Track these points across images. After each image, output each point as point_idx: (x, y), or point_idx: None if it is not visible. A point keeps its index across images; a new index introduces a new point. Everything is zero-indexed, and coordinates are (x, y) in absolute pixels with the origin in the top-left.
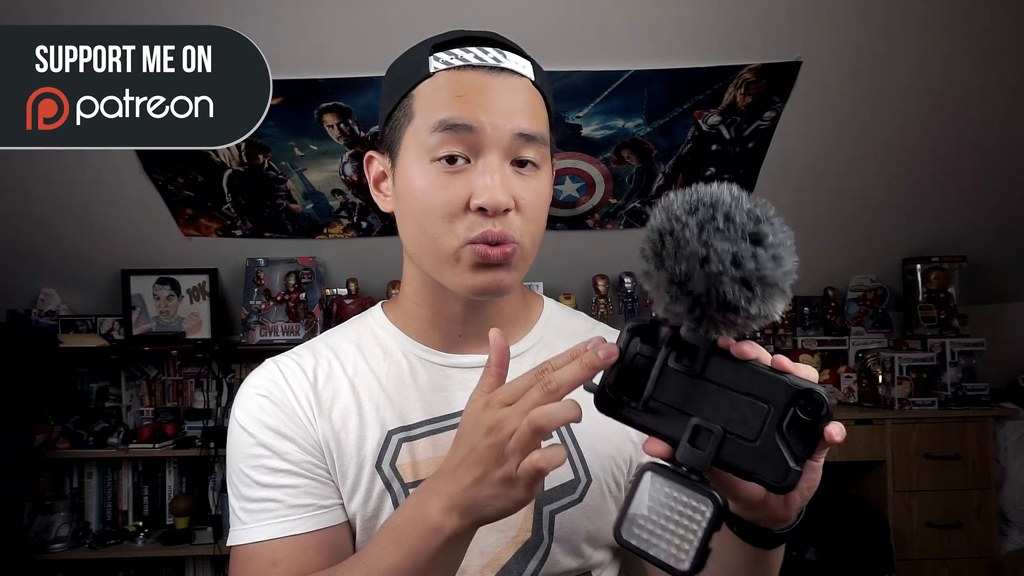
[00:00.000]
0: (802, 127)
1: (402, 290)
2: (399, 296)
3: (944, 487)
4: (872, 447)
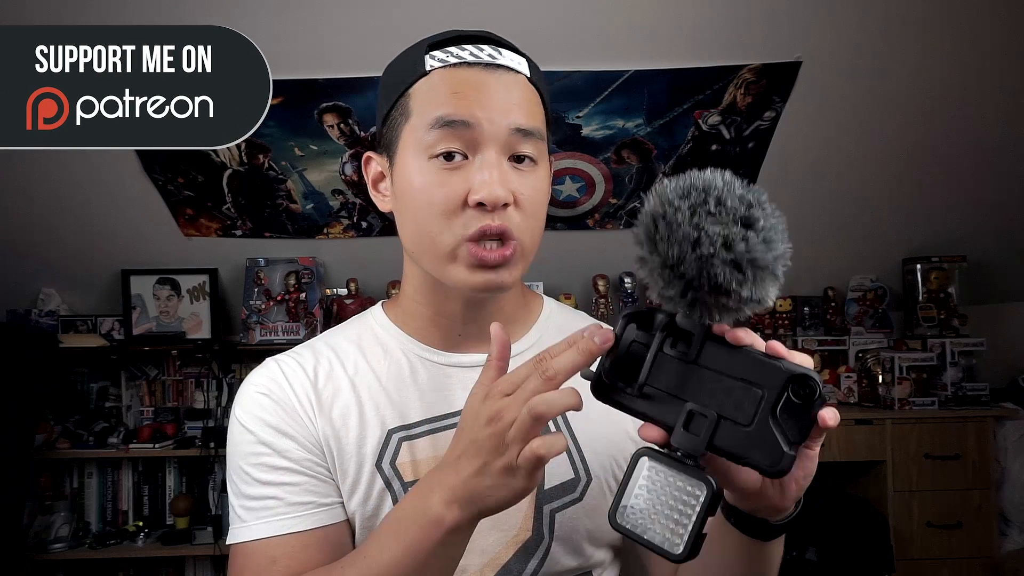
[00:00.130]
0: (802, 127)
1: (402, 289)
2: (399, 295)
3: (944, 487)
4: (872, 447)
